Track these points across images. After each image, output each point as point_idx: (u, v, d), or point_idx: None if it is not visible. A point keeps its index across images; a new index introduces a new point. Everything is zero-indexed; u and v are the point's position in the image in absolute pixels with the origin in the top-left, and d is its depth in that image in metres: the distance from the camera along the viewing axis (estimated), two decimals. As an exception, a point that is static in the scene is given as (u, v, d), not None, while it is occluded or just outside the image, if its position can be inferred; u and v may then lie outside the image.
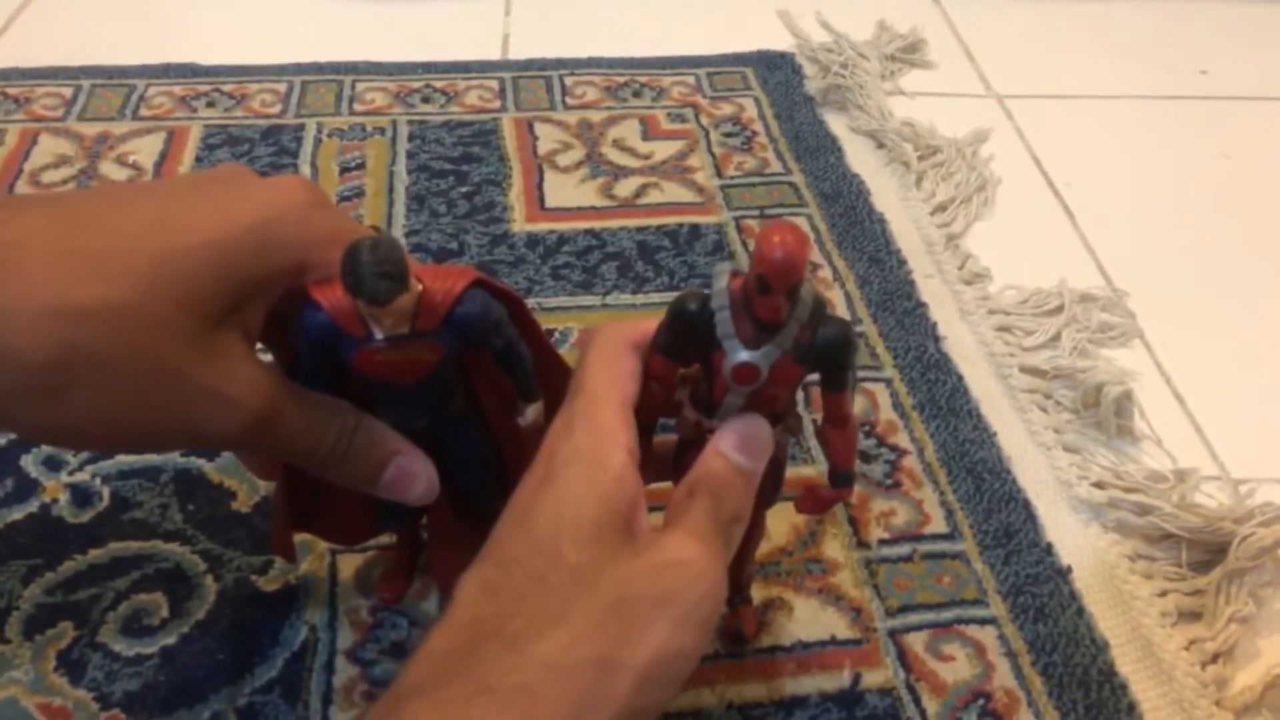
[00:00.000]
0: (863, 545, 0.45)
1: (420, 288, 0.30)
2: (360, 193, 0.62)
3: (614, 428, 0.30)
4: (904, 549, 0.45)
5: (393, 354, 0.31)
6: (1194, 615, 0.44)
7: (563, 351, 0.45)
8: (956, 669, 0.41)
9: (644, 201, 0.63)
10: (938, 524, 0.46)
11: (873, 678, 0.40)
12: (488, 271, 0.32)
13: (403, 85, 0.72)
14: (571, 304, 0.56)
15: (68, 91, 0.69)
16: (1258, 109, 0.76)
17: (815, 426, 0.50)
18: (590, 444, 0.30)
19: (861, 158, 0.68)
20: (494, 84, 0.72)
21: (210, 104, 0.69)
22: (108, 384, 0.28)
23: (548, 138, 0.68)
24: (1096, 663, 0.41)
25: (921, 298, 0.57)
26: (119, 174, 0.63)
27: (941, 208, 0.64)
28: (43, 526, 0.43)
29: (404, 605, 0.41)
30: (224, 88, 0.71)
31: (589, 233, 0.60)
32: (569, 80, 0.73)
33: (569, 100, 0.71)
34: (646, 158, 0.67)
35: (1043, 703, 0.40)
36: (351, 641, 0.40)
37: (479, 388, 0.36)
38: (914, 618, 0.42)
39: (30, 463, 0.46)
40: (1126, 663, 0.42)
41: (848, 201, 0.64)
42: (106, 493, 0.45)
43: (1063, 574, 0.44)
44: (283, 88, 0.71)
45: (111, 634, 0.40)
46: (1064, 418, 0.52)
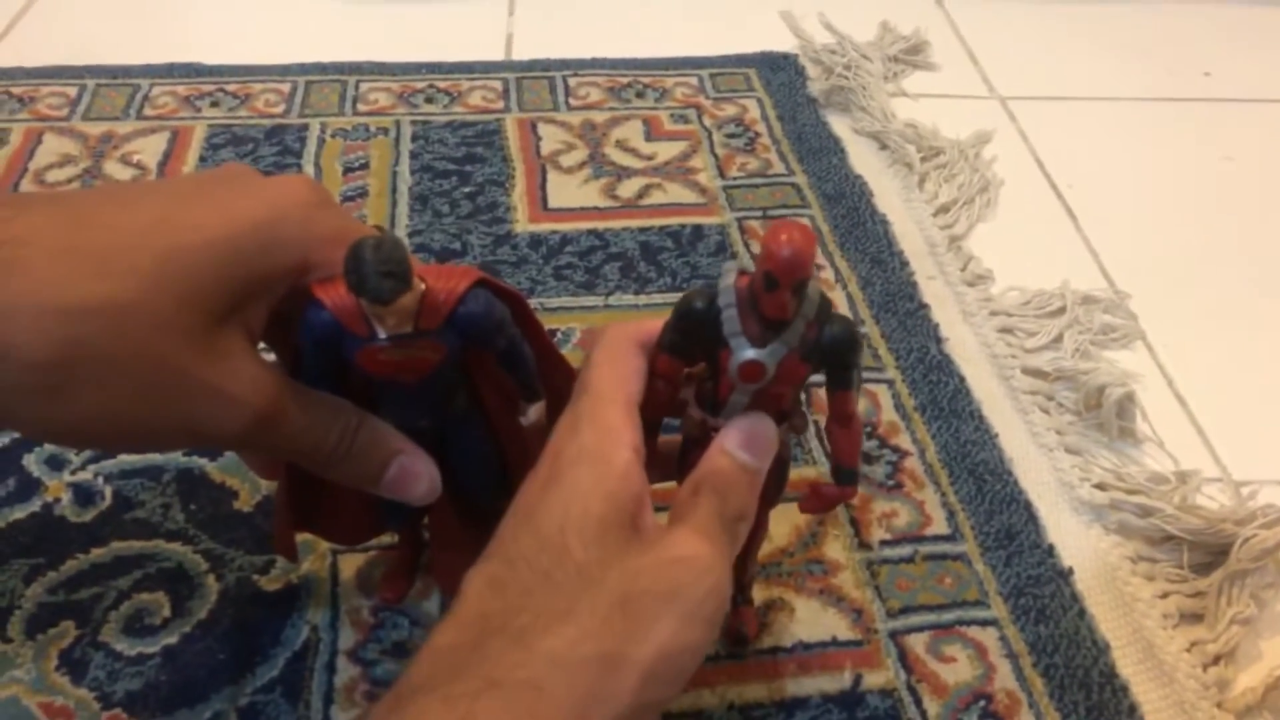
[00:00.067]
0: (864, 546, 0.45)
1: (423, 287, 0.30)
2: (364, 193, 0.62)
3: (620, 426, 0.30)
4: (905, 550, 0.45)
5: (396, 353, 0.31)
6: (1195, 617, 0.44)
7: (565, 352, 0.45)
8: (958, 670, 0.41)
9: (647, 202, 0.63)
10: (939, 525, 0.46)
11: (874, 679, 0.40)
12: (490, 271, 0.33)
13: (406, 85, 0.72)
14: (574, 304, 0.56)
15: (72, 91, 0.69)
16: (1260, 111, 0.76)
17: (818, 427, 0.50)
18: (596, 442, 0.30)
19: (864, 159, 0.68)
20: (497, 84, 0.72)
21: (214, 104, 0.69)
22: (110, 382, 0.28)
23: (551, 138, 0.68)
24: (1098, 664, 0.41)
25: (924, 299, 0.57)
26: (123, 173, 0.63)
27: (944, 209, 0.64)
28: (45, 526, 0.43)
29: (405, 605, 0.41)
30: (228, 87, 0.71)
31: (592, 233, 0.60)
32: (572, 81, 0.73)
33: (572, 101, 0.71)
34: (649, 158, 0.67)
35: (1044, 704, 0.40)
36: (353, 641, 0.40)
37: (481, 387, 0.36)
38: (915, 619, 0.42)
39: (32, 462, 0.46)
40: (1128, 664, 0.42)
41: (850, 203, 0.64)
42: (109, 492, 0.45)
43: (1064, 576, 0.44)
44: (287, 88, 0.71)
45: (113, 633, 0.40)
46: (1066, 419, 0.52)
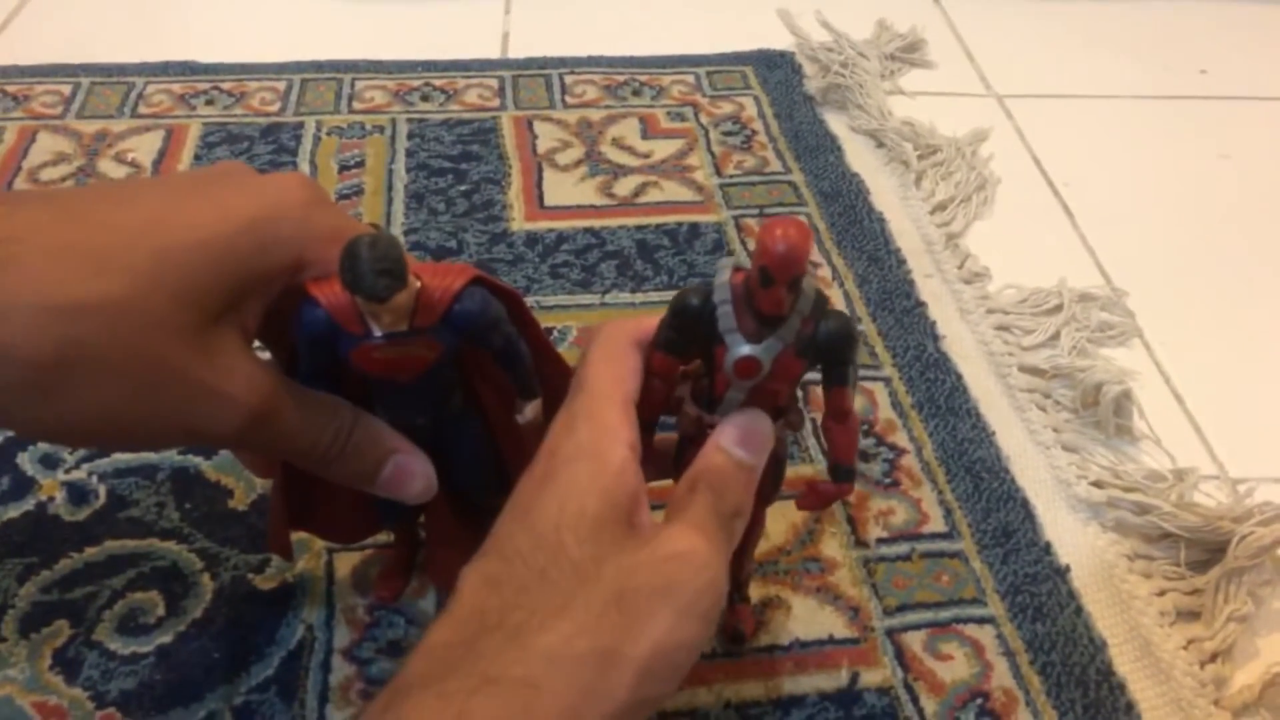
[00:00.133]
0: (861, 544, 0.45)
1: (419, 285, 0.30)
2: (359, 191, 0.62)
3: (616, 424, 0.30)
4: (902, 548, 0.45)
5: (391, 351, 0.31)
6: (1192, 614, 0.44)
7: (561, 350, 0.45)
8: (954, 668, 0.41)
9: (643, 200, 0.63)
10: (936, 523, 0.46)
11: (871, 677, 0.40)
12: (486, 270, 0.32)
13: (402, 84, 0.71)
14: (570, 302, 0.56)
15: (66, 89, 0.69)
16: (1257, 109, 0.76)
17: (814, 425, 0.50)
18: (592, 440, 0.30)
19: (861, 157, 0.68)
20: (493, 82, 0.72)
21: (209, 102, 0.69)
22: (105, 380, 0.28)
23: (547, 136, 0.68)
24: (1095, 662, 0.41)
25: (920, 297, 0.57)
26: (117, 172, 0.63)
27: (941, 207, 0.64)
28: (39, 524, 0.43)
29: (401, 604, 0.41)
30: (223, 85, 0.70)
31: (588, 231, 0.60)
32: (568, 79, 0.73)
33: (568, 99, 0.71)
34: (646, 156, 0.66)
35: (1041, 702, 0.40)
36: (348, 640, 0.40)
37: (478, 386, 0.36)
38: (912, 617, 0.42)
39: (27, 460, 0.46)
40: (1125, 662, 0.41)
41: (847, 200, 0.64)
42: (103, 491, 0.45)
43: (1061, 573, 0.44)
44: (282, 86, 0.71)
45: (107, 632, 0.40)
46: (1063, 417, 0.52)
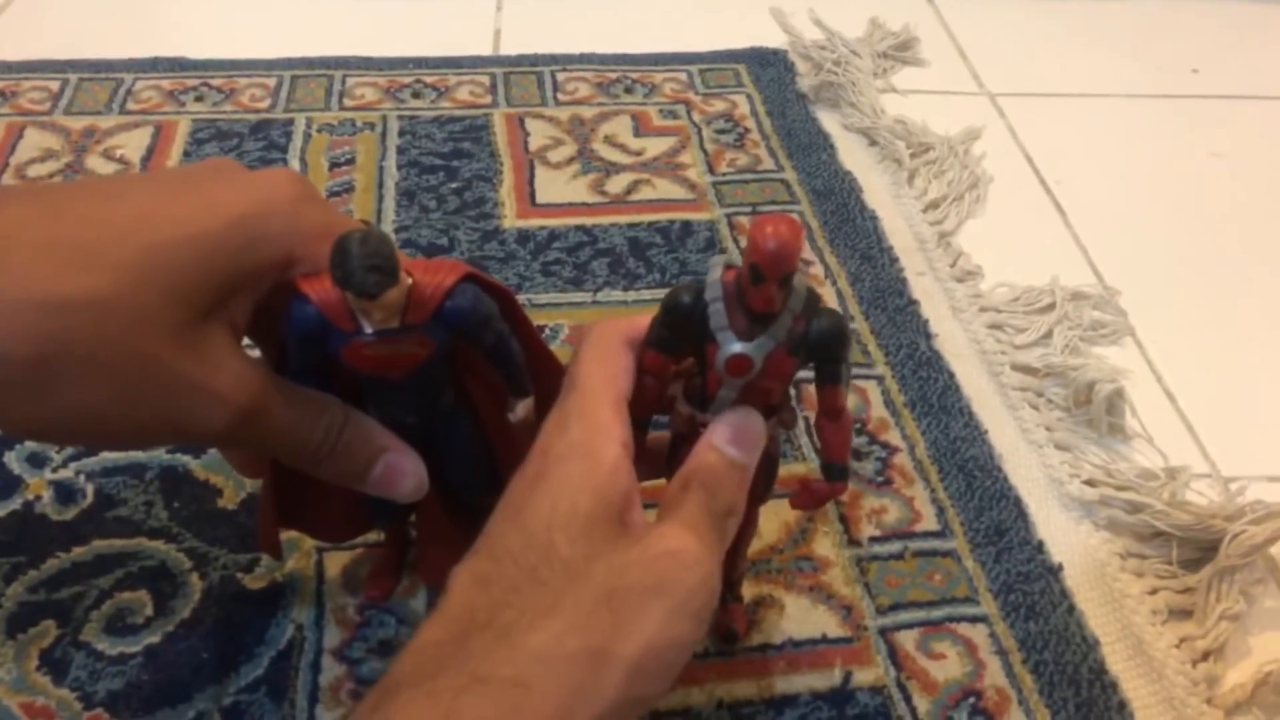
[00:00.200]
0: (854, 543, 0.45)
1: (410, 281, 0.30)
2: (350, 188, 0.62)
3: (608, 423, 0.30)
4: (895, 547, 0.45)
5: (382, 348, 0.31)
6: (1184, 613, 0.44)
7: (553, 348, 0.44)
8: (947, 667, 0.41)
9: (635, 198, 0.63)
10: (929, 522, 0.46)
11: (863, 676, 0.40)
12: (478, 268, 0.32)
13: (393, 80, 0.71)
14: (562, 300, 0.55)
15: (54, 85, 0.69)
16: (1249, 107, 0.76)
17: (807, 422, 0.50)
18: (585, 439, 0.30)
19: (854, 155, 0.68)
20: (485, 79, 0.72)
21: (199, 98, 0.68)
22: (92, 377, 0.28)
23: (539, 133, 0.67)
24: (1087, 661, 0.41)
25: (913, 295, 0.57)
26: (106, 168, 0.62)
27: (933, 205, 0.64)
28: (26, 524, 0.43)
29: (391, 603, 0.41)
30: (212, 82, 0.70)
31: (580, 229, 0.60)
32: (560, 76, 0.73)
33: (560, 96, 0.71)
34: (638, 154, 0.66)
35: (1033, 701, 0.40)
36: (338, 640, 0.40)
37: (469, 383, 0.35)
38: (905, 616, 0.42)
39: (13, 459, 0.45)
40: (1117, 661, 0.41)
41: (840, 199, 0.64)
42: (90, 490, 0.44)
43: (1053, 572, 0.44)
44: (272, 82, 0.70)
45: (95, 633, 0.39)
46: (1055, 415, 0.52)
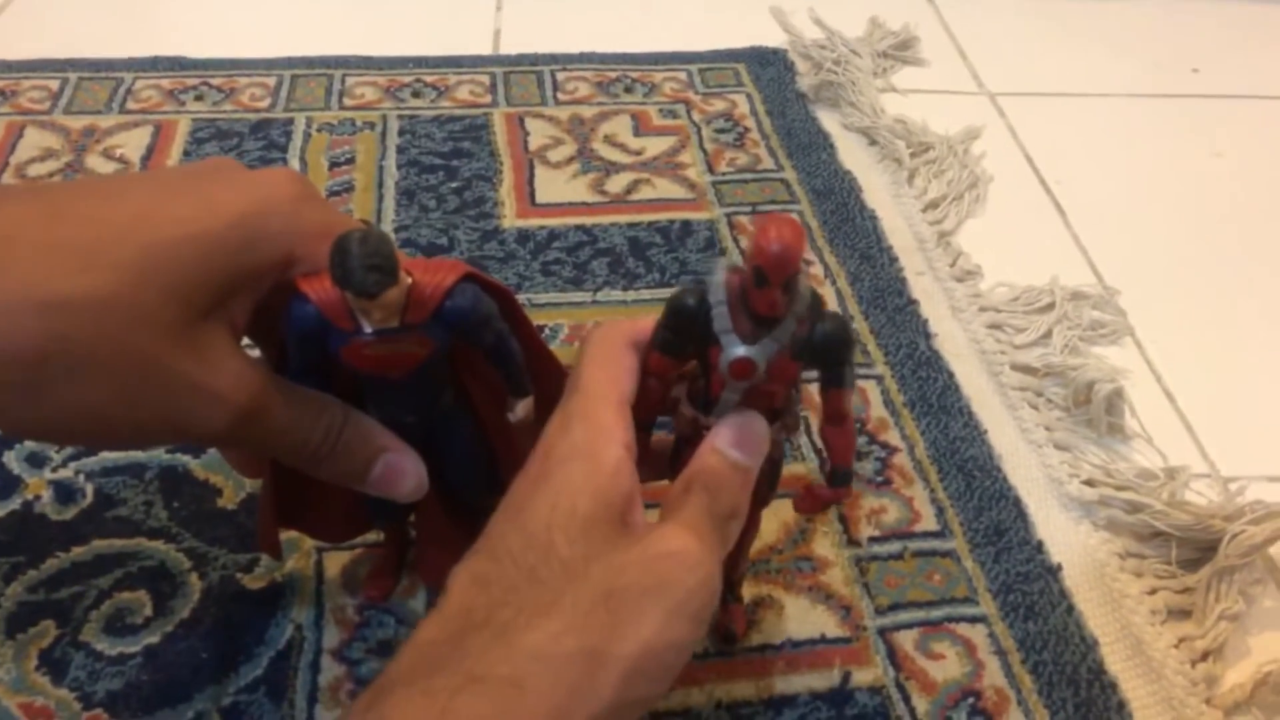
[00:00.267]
0: (853, 543, 0.45)
1: (410, 281, 0.30)
2: (350, 187, 0.62)
3: (611, 425, 0.30)
4: (894, 547, 0.45)
5: (381, 348, 0.31)
6: (1184, 613, 0.44)
7: (553, 347, 0.44)
8: (946, 667, 0.41)
9: (635, 197, 0.63)
10: (928, 522, 0.46)
11: (862, 676, 0.40)
12: (478, 268, 0.32)
13: (393, 80, 0.71)
14: (562, 300, 0.55)
15: (54, 84, 0.69)
16: (1249, 107, 0.76)
17: (807, 424, 0.49)
18: (587, 440, 0.30)
19: (853, 154, 0.68)
20: (485, 79, 0.72)
21: (198, 97, 0.68)
22: (92, 377, 0.28)
23: (539, 133, 0.67)
24: (1086, 661, 0.41)
25: (913, 295, 0.57)
26: (105, 168, 0.62)
27: (933, 205, 0.64)
28: (25, 524, 0.43)
29: (391, 603, 0.41)
30: (212, 81, 0.70)
31: (580, 229, 0.60)
32: (560, 75, 0.73)
33: (560, 95, 0.71)
34: (638, 153, 0.66)
35: (1032, 701, 0.40)
36: (338, 640, 0.40)
37: (469, 383, 0.35)
38: (904, 616, 0.42)
39: (13, 459, 0.45)
40: (1116, 661, 0.41)
41: (839, 198, 0.64)
42: (90, 490, 0.44)
43: (1053, 572, 0.44)
44: (272, 81, 0.70)
45: (94, 633, 0.39)
46: (1055, 415, 0.52)
